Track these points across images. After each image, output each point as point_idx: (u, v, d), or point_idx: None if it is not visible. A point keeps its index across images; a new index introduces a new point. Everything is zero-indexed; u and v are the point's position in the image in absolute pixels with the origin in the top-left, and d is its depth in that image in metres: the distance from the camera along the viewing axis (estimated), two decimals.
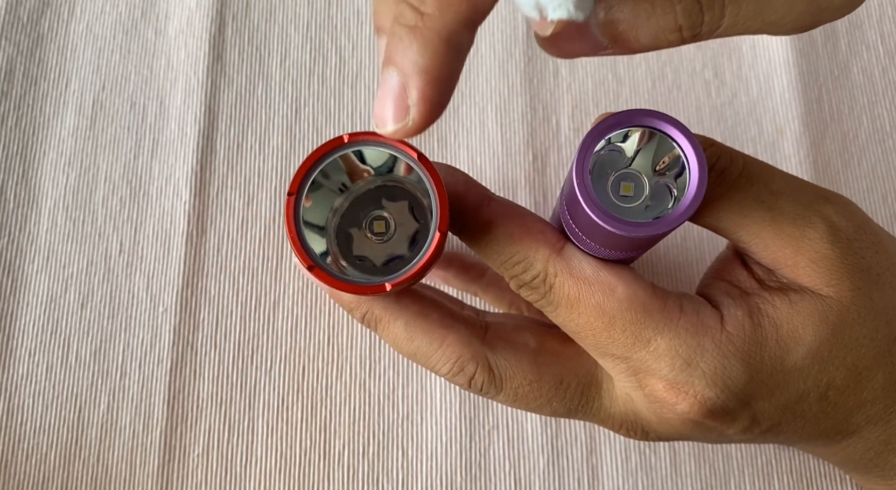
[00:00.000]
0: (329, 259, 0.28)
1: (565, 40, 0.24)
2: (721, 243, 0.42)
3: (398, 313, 0.31)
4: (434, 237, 0.27)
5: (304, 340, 0.42)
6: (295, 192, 0.27)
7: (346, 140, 0.27)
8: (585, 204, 0.25)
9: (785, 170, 0.44)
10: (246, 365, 0.42)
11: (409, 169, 0.28)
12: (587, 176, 0.26)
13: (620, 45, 0.24)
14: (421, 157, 0.27)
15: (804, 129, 0.46)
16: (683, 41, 0.24)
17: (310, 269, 0.26)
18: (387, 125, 0.23)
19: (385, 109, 0.23)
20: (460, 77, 0.23)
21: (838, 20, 0.45)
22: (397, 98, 0.23)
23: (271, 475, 0.40)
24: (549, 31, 0.23)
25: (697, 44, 0.42)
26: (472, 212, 0.29)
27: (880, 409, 0.31)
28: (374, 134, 0.27)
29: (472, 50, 0.47)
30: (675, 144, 0.26)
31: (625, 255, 0.29)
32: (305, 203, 0.27)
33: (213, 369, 0.41)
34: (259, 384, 0.41)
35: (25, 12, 0.47)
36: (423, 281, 0.41)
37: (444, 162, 0.45)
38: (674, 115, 0.45)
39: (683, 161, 0.26)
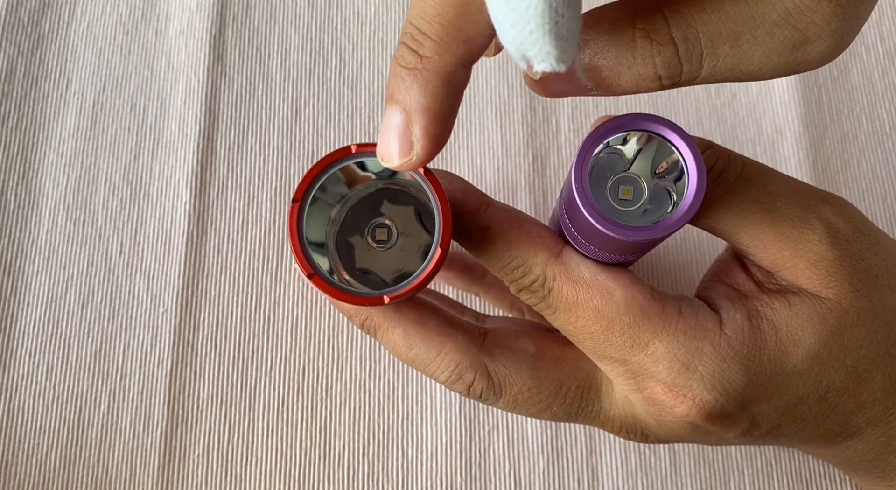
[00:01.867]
0: (335, 277, 0.28)
1: (552, 83, 0.26)
2: (720, 244, 0.42)
3: (397, 321, 0.31)
4: (435, 253, 0.27)
5: (304, 341, 0.42)
6: (300, 199, 0.27)
7: (354, 150, 0.27)
8: (584, 208, 0.25)
9: (785, 171, 0.44)
10: (246, 366, 0.42)
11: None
12: (586, 180, 0.26)
13: (604, 88, 0.25)
14: (427, 171, 0.27)
15: (804, 130, 0.46)
16: (663, 88, 0.25)
17: (310, 277, 0.26)
18: (393, 160, 0.25)
19: (390, 145, 0.24)
20: None
21: None
22: (402, 135, 0.24)
23: (271, 476, 0.40)
24: (537, 76, 0.25)
25: None
26: (471, 217, 0.29)
27: (880, 411, 0.31)
28: None
29: None
30: (674, 149, 0.26)
31: (624, 258, 0.29)
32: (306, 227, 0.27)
33: (213, 370, 0.41)
34: (259, 385, 0.41)
35: (26, 13, 0.47)
36: None
37: (444, 163, 0.45)
38: (674, 117, 0.46)
39: (682, 166, 0.26)
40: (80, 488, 0.40)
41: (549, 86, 0.26)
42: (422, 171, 0.27)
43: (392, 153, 0.24)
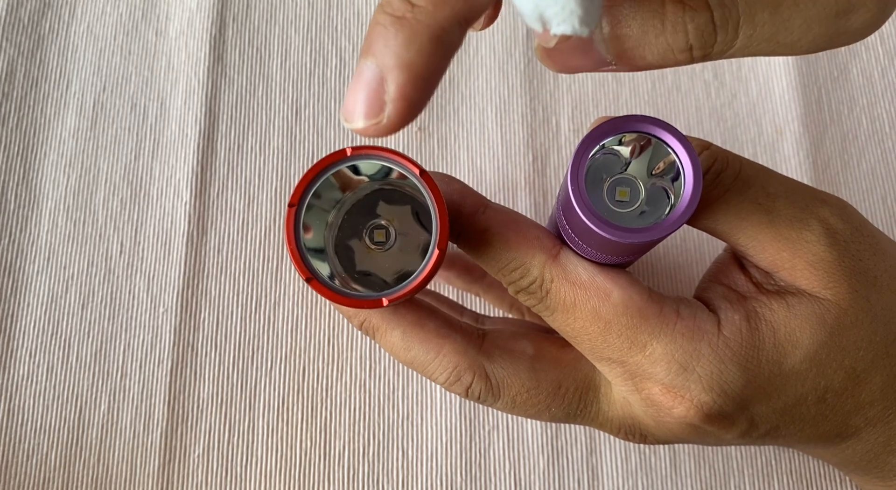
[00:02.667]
0: (337, 281, 0.28)
1: (567, 55, 0.23)
2: (720, 245, 0.42)
3: (395, 323, 0.31)
4: (433, 254, 0.27)
5: (304, 341, 0.42)
6: (296, 204, 0.27)
7: (349, 153, 0.27)
8: (580, 210, 0.25)
9: (785, 171, 0.44)
10: (246, 366, 0.42)
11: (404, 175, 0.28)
12: (582, 181, 0.26)
13: (626, 62, 0.23)
14: (423, 173, 0.27)
15: (804, 130, 0.46)
16: (692, 61, 0.23)
17: (308, 281, 0.26)
18: (355, 121, 0.21)
19: (356, 103, 0.21)
20: (460, 78, 0.23)
21: None
22: (372, 92, 0.20)
23: (272, 476, 0.40)
24: (552, 44, 0.22)
25: None
26: (469, 220, 0.29)
27: (879, 411, 0.31)
28: (377, 148, 0.27)
29: (471, 51, 0.47)
30: (670, 151, 0.26)
31: (621, 259, 0.29)
32: (305, 233, 0.27)
33: (213, 370, 0.41)
34: (259, 385, 0.41)
35: (26, 13, 0.47)
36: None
37: (444, 163, 0.45)
38: (674, 117, 0.45)
39: (678, 167, 0.26)
40: (80, 488, 0.40)
41: (563, 59, 0.24)
42: (417, 172, 0.27)
43: (357, 112, 0.21)
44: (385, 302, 0.27)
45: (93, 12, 0.47)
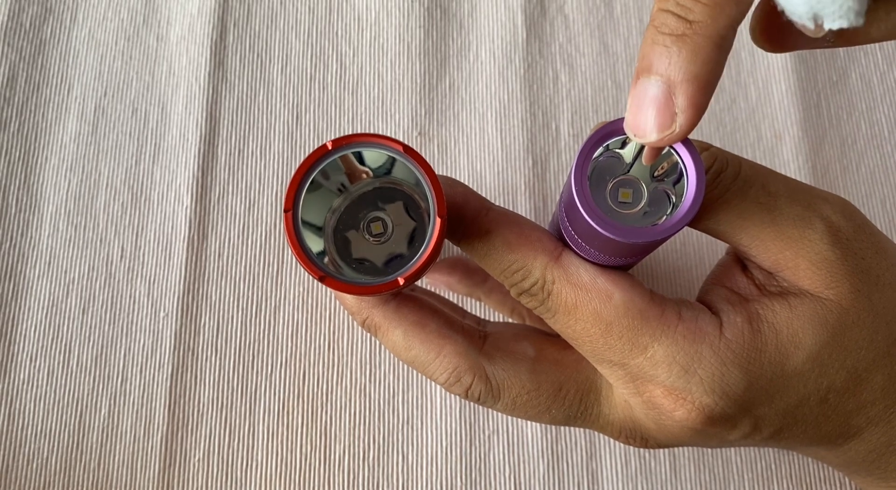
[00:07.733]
0: (326, 259, 0.28)
1: (795, 37, 0.24)
2: (720, 249, 0.42)
3: (397, 322, 0.31)
4: (435, 223, 0.26)
5: (304, 345, 0.42)
6: (291, 208, 0.27)
7: (330, 147, 0.27)
8: (584, 210, 0.25)
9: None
10: (247, 370, 0.42)
11: (408, 170, 0.28)
12: (585, 182, 0.26)
13: (846, 39, 0.24)
14: (407, 149, 0.27)
15: (803, 135, 0.46)
16: None
17: (322, 279, 0.26)
18: (649, 135, 0.23)
19: (646, 119, 0.23)
20: (461, 83, 0.23)
21: None
22: (661, 107, 0.23)
23: (272, 480, 0.40)
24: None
25: None
26: (471, 221, 0.29)
27: (880, 410, 0.31)
28: (356, 136, 0.27)
29: (471, 56, 0.47)
30: (673, 151, 0.26)
31: (624, 261, 0.29)
32: (305, 214, 0.27)
33: (213, 374, 0.41)
34: (260, 389, 0.41)
35: (28, 18, 0.47)
36: (428, 287, 0.41)
37: (444, 168, 0.45)
38: None
39: (681, 168, 0.26)
40: None
41: (786, 41, 0.25)
42: (401, 149, 0.27)
43: (648, 127, 0.23)
44: (401, 281, 0.26)
45: (94, 18, 0.47)
